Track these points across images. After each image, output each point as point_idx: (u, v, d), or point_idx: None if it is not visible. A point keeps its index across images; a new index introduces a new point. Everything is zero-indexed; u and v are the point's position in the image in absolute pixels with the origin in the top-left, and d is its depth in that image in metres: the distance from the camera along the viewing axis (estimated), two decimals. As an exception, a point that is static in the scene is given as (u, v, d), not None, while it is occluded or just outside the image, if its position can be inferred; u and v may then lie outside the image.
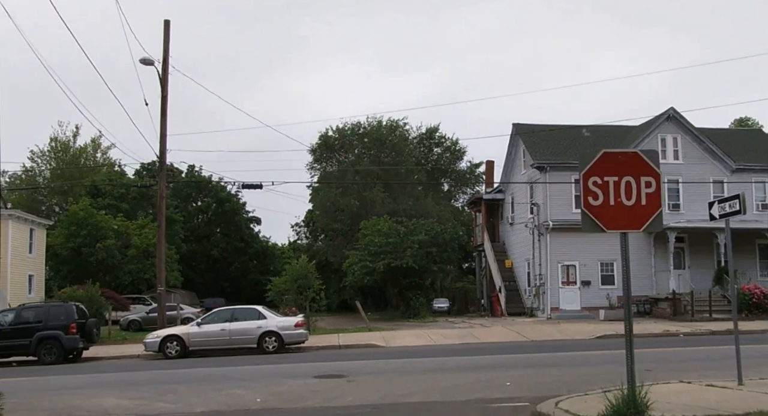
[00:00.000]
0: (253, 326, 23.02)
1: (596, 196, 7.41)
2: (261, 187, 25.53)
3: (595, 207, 7.42)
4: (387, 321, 39.68)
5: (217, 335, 22.85)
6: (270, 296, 31.00)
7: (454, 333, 28.03)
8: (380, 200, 50.84)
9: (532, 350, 20.82)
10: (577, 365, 16.19)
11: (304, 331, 23.48)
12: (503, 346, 22.97)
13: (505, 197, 41.90)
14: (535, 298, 36.31)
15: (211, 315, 23.73)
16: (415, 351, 22.35)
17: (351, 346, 25.06)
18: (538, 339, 25.56)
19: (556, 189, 35.15)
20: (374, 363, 18.04)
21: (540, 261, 35.60)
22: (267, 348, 22.82)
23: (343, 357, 20.45)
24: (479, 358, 18.33)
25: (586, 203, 7.46)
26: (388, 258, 40.99)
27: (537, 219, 35.81)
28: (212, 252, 63.87)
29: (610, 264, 35.11)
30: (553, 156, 35.82)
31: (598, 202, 7.40)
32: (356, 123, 53.86)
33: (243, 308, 24.79)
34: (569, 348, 21.13)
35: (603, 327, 28.10)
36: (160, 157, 25.76)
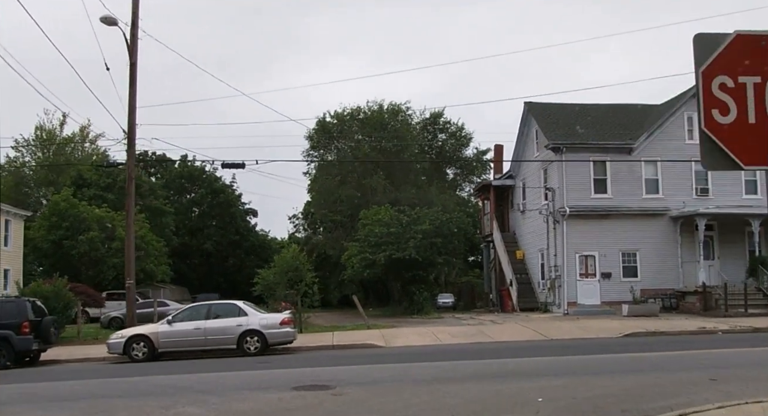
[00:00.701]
0: (232, 324, 20.01)
1: (725, 109, 4.27)
2: (243, 167, 22.52)
3: (724, 127, 4.28)
4: (389, 318, 36.78)
5: (190, 335, 19.85)
6: (257, 290, 27.97)
7: (463, 331, 25.01)
8: (381, 188, 47.75)
9: (556, 351, 17.76)
10: (617, 372, 13.13)
11: (291, 330, 20.45)
12: (521, 347, 19.91)
13: (516, 183, 38.75)
14: (549, 292, 33.22)
15: (184, 312, 20.69)
16: (418, 352, 19.33)
17: (346, 346, 22.07)
18: (559, 337, 22.55)
19: (572, 172, 32.06)
20: (370, 369, 14.99)
21: (555, 252, 32.50)
22: (248, 349, 19.82)
23: (334, 361, 17.42)
24: (495, 363, 15.26)
25: (709, 120, 4.30)
26: (390, 250, 37.94)
27: (552, 206, 32.69)
28: (206, 245, 60.87)
29: (632, 255, 32.04)
30: (569, 136, 32.71)
31: (728, 119, 4.26)
32: (356, 107, 50.72)
33: (221, 303, 21.80)
34: (597, 349, 18.09)
35: (629, 324, 25.04)
36: (128, 132, 22.73)
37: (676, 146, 32.18)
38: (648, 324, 25.00)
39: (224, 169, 22.07)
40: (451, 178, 58.45)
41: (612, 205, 32.08)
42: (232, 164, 22.59)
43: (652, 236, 32.01)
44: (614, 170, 32.33)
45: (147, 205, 52.18)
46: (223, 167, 22.64)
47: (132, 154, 22.76)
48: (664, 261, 31.94)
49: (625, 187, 32.31)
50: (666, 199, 32.37)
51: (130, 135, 22.73)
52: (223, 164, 22.59)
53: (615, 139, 32.63)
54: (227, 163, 22.58)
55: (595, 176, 32.29)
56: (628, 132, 33.23)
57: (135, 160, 63.80)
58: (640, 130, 33.15)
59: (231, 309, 20.53)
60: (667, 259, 31.97)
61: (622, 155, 32.38)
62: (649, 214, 32.13)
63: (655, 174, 32.62)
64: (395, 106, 50.65)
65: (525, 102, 35.79)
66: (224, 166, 22.60)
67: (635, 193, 32.32)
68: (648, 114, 34.78)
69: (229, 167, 22.60)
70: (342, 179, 51.18)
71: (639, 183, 32.47)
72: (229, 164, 22.58)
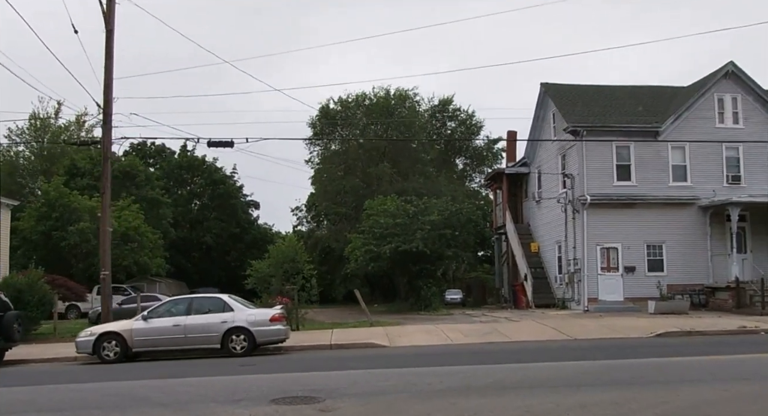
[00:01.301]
0: (215, 321, 17.70)
1: None
2: (232, 145, 20.15)
3: None
4: (394, 314, 34.46)
5: (168, 332, 17.53)
6: (250, 283, 25.62)
7: (475, 329, 22.64)
8: (387, 178, 45.31)
9: (585, 354, 15.38)
10: (671, 382, 10.76)
11: (282, 327, 18.12)
12: (543, 348, 17.54)
13: (531, 170, 36.27)
14: (567, 287, 30.80)
15: (162, 307, 18.34)
16: (426, 354, 16.98)
17: (345, 346, 19.75)
18: (583, 337, 20.16)
19: (593, 157, 29.62)
20: (369, 375, 12.63)
21: (575, 244, 30.06)
22: (234, 349, 17.51)
23: (329, 364, 15.08)
24: (519, 368, 12.87)
25: None
26: (396, 242, 35.54)
27: (571, 194, 30.23)
28: (205, 238, 58.61)
29: (658, 247, 29.56)
30: (589, 118, 30.23)
31: None
32: (361, 94, 48.23)
33: (204, 297, 19.43)
34: (631, 352, 15.72)
35: (659, 323, 22.63)
36: (104, 107, 20.40)
37: (706, 130, 29.73)
38: (680, 323, 22.59)
39: (210, 148, 19.57)
40: (461, 168, 55.92)
41: (636, 193, 29.62)
42: (219, 142, 20.25)
43: (680, 227, 29.53)
44: (639, 155, 29.86)
45: (143, 196, 50.03)
46: (209, 146, 20.28)
47: (108, 130, 20.40)
48: (692, 255, 29.48)
49: (651, 174, 29.84)
50: (695, 187, 29.88)
51: (106, 110, 20.39)
52: (209, 142, 20.24)
53: (639, 121, 30.15)
54: (214, 141, 20.23)
55: (618, 162, 29.81)
56: (654, 114, 30.76)
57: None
58: (666, 112, 30.66)
59: (215, 304, 18.21)
60: (695, 252, 29.50)
61: (647, 139, 29.91)
62: (676, 203, 29.65)
63: (683, 160, 30.12)
64: (402, 91, 48.18)
65: (541, 83, 33.31)
66: (211, 144, 20.24)
67: (661, 180, 29.85)
68: (675, 96, 32.26)
69: (216, 146, 20.24)
70: (346, 168, 48.78)
71: (665, 169, 29.99)
72: (216, 142, 20.24)
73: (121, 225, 42.54)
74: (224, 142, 20.29)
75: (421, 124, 49.05)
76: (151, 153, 63.58)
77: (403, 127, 46.79)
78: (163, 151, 63.28)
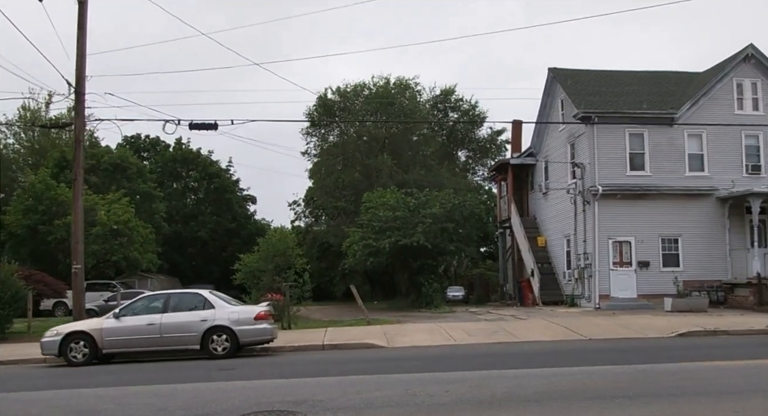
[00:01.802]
0: (194, 319, 15.99)
1: None
2: (215, 127, 18.47)
3: None
4: (394, 312, 32.83)
5: (142, 332, 15.83)
6: (238, 279, 23.92)
7: (481, 328, 20.96)
8: (387, 170, 43.54)
9: (605, 357, 13.69)
10: (715, 393, 9.07)
11: (269, 326, 16.41)
12: (557, 349, 15.83)
13: (538, 161, 34.50)
14: (577, 283, 29.09)
15: (136, 304, 16.60)
16: (427, 356, 15.30)
17: (339, 347, 18.07)
18: (599, 337, 18.48)
19: (605, 145, 27.90)
20: (361, 382, 10.94)
21: (585, 237, 28.34)
22: (215, 350, 15.81)
23: (318, 368, 13.40)
24: (536, 374, 11.16)
25: None
26: (396, 236, 33.86)
27: (581, 185, 28.50)
28: (200, 233, 56.85)
29: (673, 241, 27.85)
30: (601, 104, 28.48)
31: None
32: (360, 83, 46.43)
33: (182, 293, 17.71)
34: (656, 355, 14.09)
35: (679, 322, 20.92)
36: (76, 86, 18.69)
37: (724, 117, 28.04)
38: (701, 322, 20.88)
39: (192, 131, 17.82)
40: (463, 161, 54.15)
41: (650, 184, 27.90)
42: (202, 124, 18.56)
43: (697, 219, 27.82)
44: (653, 143, 28.13)
45: (135, 189, 48.39)
46: (191, 128, 18.58)
47: (81, 110, 18.69)
48: (709, 249, 27.76)
49: (666, 163, 28.11)
50: (712, 176, 28.15)
51: (78, 89, 18.69)
52: (191, 124, 18.54)
53: (654, 107, 28.42)
54: (196, 123, 18.53)
55: (631, 150, 28.07)
56: (669, 101, 29.02)
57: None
58: (681, 98, 28.93)
59: (194, 300, 16.49)
60: (713, 246, 27.79)
61: (662, 126, 28.18)
62: (692, 194, 27.93)
63: (700, 148, 28.38)
64: (403, 80, 46.38)
65: (549, 68, 31.54)
66: (193, 126, 18.55)
67: (677, 169, 28.13)
68: (690, 82, 30.50)
69: (198, 128, 18.55)
70: (345, 161, 47.03)
71: (681, 158, 28.26)
72: (198, 124, 18.55)
73: (111, 219, 40.94)
74: (207, 124, 18.61)
75: (423, 115, 47.27)
76: (145, 146, 61.92)
77: (403, 118, 45.06)
78: (157, 144, 61.59)
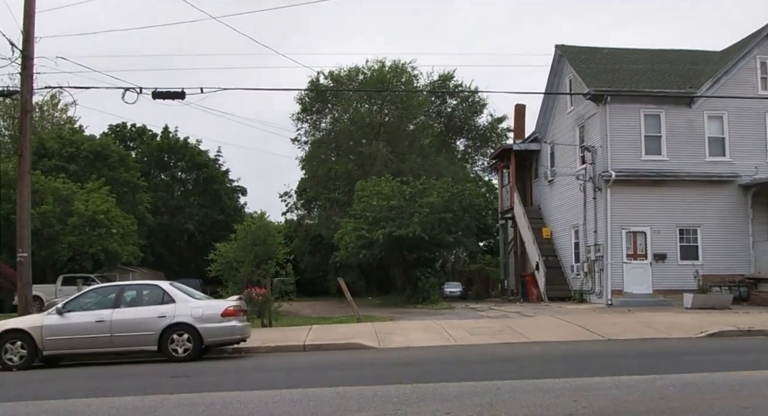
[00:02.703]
0: (151, 315, 13.65)
1: None
2: (183, 96, 16.14)
3: None
4: (389, 308, 30.61)
5: (89, 330, 13.48)
6: (213, 270, 21.59)
7: (483, 326, 18.67)
8: (382, 158, 41.15)
9: (637, 364, 11.43)
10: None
11: (238, 324, 14.05)
12: (576, 352, 13.52)
13: (542, 147, 32.17)
14: (586, 278, 26.80)
15: (83, 297, 14.22)
16: (424, 359, 12.99)
17: (323, 347, 15.77)
18: (619, 337, 16.21)
19: (618, 127, 25.61)
20: (339, 395, 8.60)
21: (596, 228, 26.05)
22: (174, 351, 13.47)
23: (289, 377, 11.08)
24: (557, 385, 8.81)
25: None
26: (390, 227, 31.51)
27: (592, 170, 26.20)
28: (187, 225, 54.48)
29: (692, 231, 25.59)
30: (614, 82, 26.19)
31: None
32: (354, 67, 44.02)
33: (138, 285, 15.40)
34: (697, 361, 11.84)
35: (704, 320, 18.64)
36: (23, 49, 16.31)
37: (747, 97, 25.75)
38: (729, 320, 18.62)
39: (156, 100, 15.46)
40: (462, 150, 51.76)
41: (667, 169, 25.61)
42: (167, 93, 16.21)
43: (717, 208, 25.56)
44: (670, 125, 25.83)
45: (116, 178, 45.99)
46: (154, 97, 16.23)
47: (28, 76, 16.32)
48: (731, 240, 25.50)
49: (684, 147, 25.83)
50: (734, 162, 25.88)
51: (25, 52, 16.31)
52: (155, 93, 16.21)
53: (672, 86, 26.13)
54: (160, 92, 16.19)
55: (647, 133, 25.76)
56: (686, 80, 26.75)
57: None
58: (700, 77, 26.65)
59: (152, 294, 14.12)
60: (735, 238, 25.52)
61: (680, 107, 25.89)
62: (713, 181, 25.65)
63: (721, 131, 26.09)
64: (398, 64, 43.94)
65: (557, 45, 29.16)
66: (157, 95, 16.21)
67: (696, 154, 25.84)
68: (709, 61, 28.22)
69: (162, 97, 16.20)
70: (337, 149, 44.67)
71: (701, 142, 25.97)
72: (162, 93, 16.20)
73: (88, 209, 38.58)
74: (173, 93, 16.27)
75: (420, 102, 44.90)
76: (131, 135, 59.49)
77: (399, 103, 42.69)
78: (143, 133, 59.19)
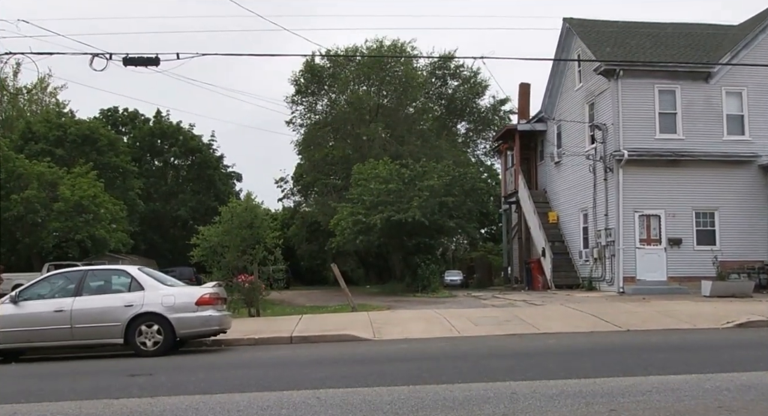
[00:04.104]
0: (116, 304, 12.12)
1: None
2: (157, 63, 14.54)
3: None
4: (386, 296, 29.21)
5: (47, 321, 11.96)
6: (196, 255, 20.09)
7: (488, 316, 17.16)
8: (380, 140, 39.60)
9: (670, 359, 9.93)
10: None
11: (215, 314, 12.50)
12: (595, 346, 12.02)
13: (549, 127, 30.56)
14: (596, 264, 25.30)
15: (41, 284, 12.72)
16: (424, 354, 11.48)
17: (311, 339, 14.28)
18: (639, 328, 14.74)
19: (631, 104, 24.03)
20: (319, 401, 7.06)
21: (607, 211, 24.51)
22: (143, 345, 11.96)
23: (264, 376, 9.55)
24: (585, 389, 7.27)
25: None
26: (388, 211, 30.02)
27: (602, 150, 24.64)
28: (179, 212, 52.91)
29: (709, 215, 24.06)
30: (626, 55, 24.58)
31: None
32: (351, 47, 42.32)
33: (103, 270, 13.78)
34: (739, 356, 10.33)
35: (728, 309, 17.16)
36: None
37: None
38: (755, 309, 17.13)
39: (127, 66, 13.85)
40: (463, 133, 50.13)
41: (683, 149, 24.03)
42: (139, 59, 14.64)
43: (736, 190, 24.00)
44: (686, 102, 24.24)
45: (106, 163, 44.42)
46: (125, 63, 14.66)
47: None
48: (750, 224, 23.96)
49: (701, 125, 24.24)
50: (754, 141, 24.30)
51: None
52: (126, 59, 14.64)
53: (688, 59, 24.53)
54: (132, 58, 14.64)
55: (661, 110, 24.17)
56: (702, 54, 25.15)
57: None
58: (718, 51, 25.05)
59: (118, 280, 12.62)
60: (754, 221, 23.99)
61: (696, 82, 24.30)
62: (731, 161, 24.09)
63: (740, 108, 24.50)
64: (398, 44, 42.26)
65: (564, 18, 27.47)
66: (128, 61, 14.64)
67: (714, 132, 24.25)
68: (725, 35, 26.58)
69: (134, 63, 14.64)
70: (334, 132, 43.07)
71: (719, 119, 24.38)
72: (134, 59, 14.63)
73: (75, 194, 37.02)
74: (146, 59, 14.69)
75: (420, 83, 43.23)
76: (123, 119, 57.80)
77: (398, 84, 41.03)
78: (135, 117, 57.51)
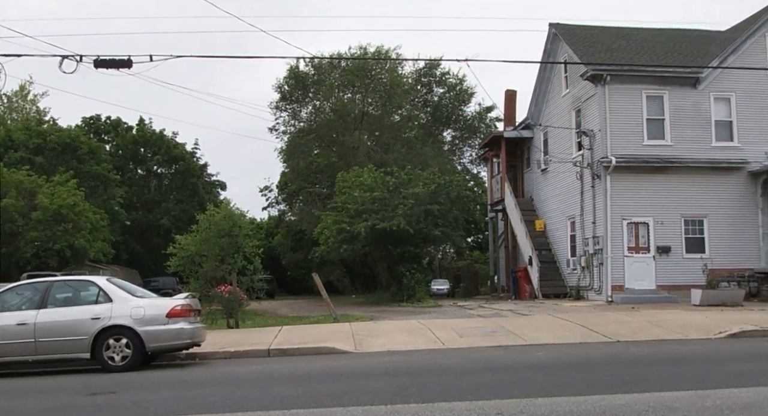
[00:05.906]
0: (83, 316, 11.50)
1: None
2: (129, 65, 13.98)
3: None
4: (371, 306, 28.72)
5: (9, 335, 11.31)
6: (173, 265, 19.47)
7: (474, 326, 16.66)
8: (365, 147, 39.13)
9: (665, 373, 9.45)
10: None
11: (188, 326, 11.88)
12: (585, 358, 11.53)
13: (535, 134, 30.17)
14: (584, 273, 24.85)
15: (4, 296, 12.07)
16: (406, 368, 10.93)
17: (290, 352, 13.73)
18: (629, 338, 14.26)
19: (619, 110, 23.66)
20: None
21: (594, 218, 24.09)
22: (111, 359, 11.35)
23: (232, 395, 8.95)
24: (578, 408, 6.76)
25: None
26: (373, 219, 29.50)
27: (590, 156, 24.23)
28: (162, 221, 52.13)
29: (698, 222, 23.70)
30: (614, 62, 24.22)
31: None
32: (335, 53, 41.83)
33: (69, 281, 13.06)
34: (738, 370, 9.86)
35: (720, 318, 16.74)
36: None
37: (756, 78, 23.91)
38: (747, 318, 16.72)
39: (98, 69, 13.25)
40: (449, 140, 49.71)
41: (671, 155, 23.69)
42: (110, 61, 14.05)
43: (725, 197, 23.66)
44: (674, 108, 23.91)
45: (86, 171, 43.68)
46: (96, 66, 14.05)
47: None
48: (740, 232, 23.61)
49: (689, 131, 23.89)
50: (743, 147, 23.97)
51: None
52: (97, 61, 14.05)
53: (676, 65, 24.22)
54: (103, 60, 14.06)
55: (649, 116, 23.82)
56: (690, 60, 24.85)
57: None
58: (705, 57, 24.76)
59: (85, 292, 11.98)
60: (744, 228, 23.64)
61: (684, 88, 23.99)
62: (720, 168, 23.76)
63: (729, 114, 24.19)
64: (382, 50, 41.82)
65: (551, 23, 27.10)
66: (99, 63, 14.05)
67: (702, 138, 23.92)
68: (713, 41, 26.35)
69: (106, 66, 14.05)
70: (319, 140, 42.57)
71: (707, 125, 24.04)
72: (105, 61, 14.05)
73: (54, 203, 36.29)
74: (118, 61, 14.10)
75: (405, 90, 42.82)
76: (106, 127, 56.98)
77: (383, 91, 40.60)
78: (118, 125, 56.71)
